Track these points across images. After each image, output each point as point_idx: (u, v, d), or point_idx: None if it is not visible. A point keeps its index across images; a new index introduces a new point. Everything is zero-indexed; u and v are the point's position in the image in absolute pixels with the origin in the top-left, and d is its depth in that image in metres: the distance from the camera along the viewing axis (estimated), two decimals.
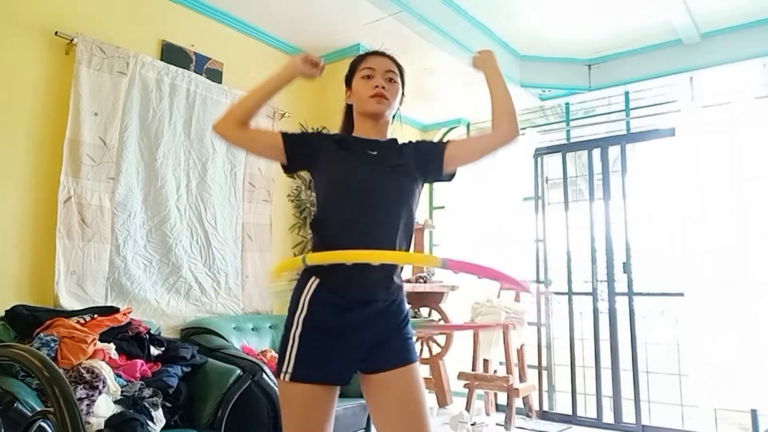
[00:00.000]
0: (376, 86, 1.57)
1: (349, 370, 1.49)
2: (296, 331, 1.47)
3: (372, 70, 1.60)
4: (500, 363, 4.30)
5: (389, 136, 1.67)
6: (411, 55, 3.63)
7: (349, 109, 1.68)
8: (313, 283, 1.49)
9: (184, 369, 2.66)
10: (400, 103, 1.68)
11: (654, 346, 4.58)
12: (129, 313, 2.69)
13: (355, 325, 1.47)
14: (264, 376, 2.70)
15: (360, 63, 1.64)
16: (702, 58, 3.98)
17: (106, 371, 2.29)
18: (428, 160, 1.60)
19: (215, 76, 3.55)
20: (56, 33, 2.80)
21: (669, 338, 4.65)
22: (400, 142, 1.66)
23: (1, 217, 2.63)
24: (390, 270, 1.53)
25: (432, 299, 4.51)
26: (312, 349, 1.45)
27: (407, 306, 1.58)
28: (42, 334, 2.31)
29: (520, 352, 4.38)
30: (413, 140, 1.69)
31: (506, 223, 4.43)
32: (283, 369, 1.46)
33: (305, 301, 1.48)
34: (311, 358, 1.45)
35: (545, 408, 4.55)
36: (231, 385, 2.59)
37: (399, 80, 1.64)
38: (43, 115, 2.79)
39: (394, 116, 1.69)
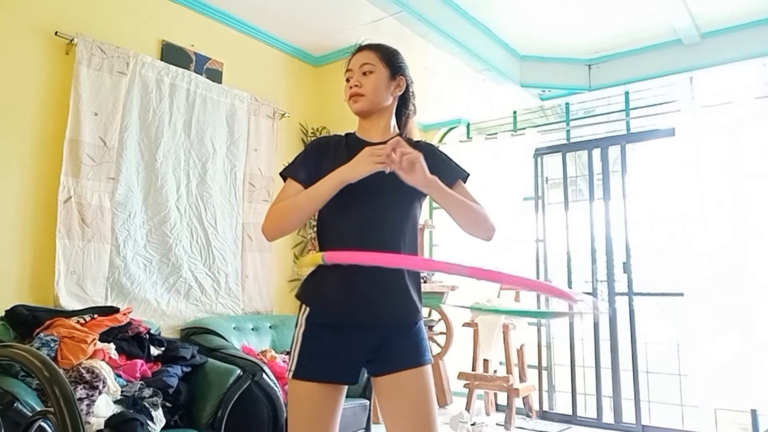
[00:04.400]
0: (350, 87, 1.57)
1: (356, 369, 1.48)
2: (300, 330, 1.49)
3: (350, 72, 1.59)
4: (500, 363, 4.30)
5: (408, 130, 1.64)
6: (411, 55, 3.61)
7: None
8: (305, 311, 1.50)
9: (184, 369, 2.66)
10: (402, 84, 1.61)
11: (654, 346, 4.58)
12: (129, 313, 2.69)
13: (361, 323, 1.46)
14: (264, 376, 2.70)
15: (346, 67, 1.63)
16: (702, 58, 3.98)
17: (106, 371, 2.29)
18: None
19: (215, 76, 3.56)
20: (56, 33, 2.81)
21: (669, 338, 4.65)
22: (404, 138, 1.61)
23: (1, 217, 2.63)
24: (400, 280, 1.48)
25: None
26: (316, 348, 1.45)
27: (420, 305, 1.54)
28: (42, 334, 2.31)
29: (520, 352, 4.38)
30: (420, 142, 1.62)
31: (506, 223, 4.43)
32: (288, 367, 1.48)
33: (302, 321, 1.50)
34: (316, 356, 1.44)
35: (545, 408, 4.55)
36: (231, 385, 2.59)
37: (380, 66, 1.56)
38: (43, 115, 2.79)
39: (405, 106, 1.65)
